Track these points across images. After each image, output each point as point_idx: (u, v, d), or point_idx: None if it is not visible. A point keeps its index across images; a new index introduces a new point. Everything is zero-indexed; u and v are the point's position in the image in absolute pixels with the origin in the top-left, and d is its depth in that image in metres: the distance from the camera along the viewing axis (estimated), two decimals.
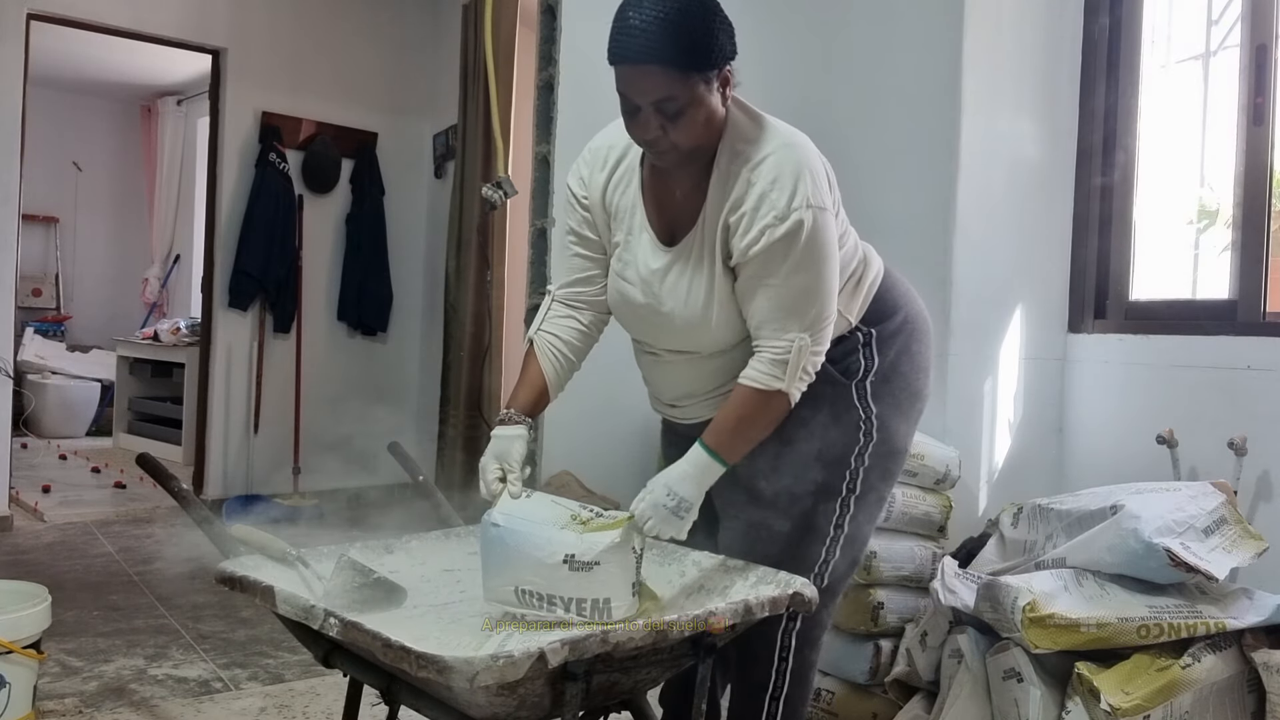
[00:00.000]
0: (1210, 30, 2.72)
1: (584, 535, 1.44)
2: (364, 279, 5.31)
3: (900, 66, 2.79)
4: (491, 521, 1.49)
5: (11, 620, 2.15)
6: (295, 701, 2.58)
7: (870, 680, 2.38)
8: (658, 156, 1.60)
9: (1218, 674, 1.94)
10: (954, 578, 2.22)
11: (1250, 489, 2.33)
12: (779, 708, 1.78)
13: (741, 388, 1.59)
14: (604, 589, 1.43)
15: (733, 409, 1.60)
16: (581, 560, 1.42)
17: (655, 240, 1.67)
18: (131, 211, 8.36)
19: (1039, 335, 2.79)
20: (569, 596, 1.43)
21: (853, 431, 1.71)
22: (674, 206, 1.66)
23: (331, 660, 1.51)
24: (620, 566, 1.44)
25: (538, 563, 1.43)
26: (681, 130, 1.53)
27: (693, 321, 1.64)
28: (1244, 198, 2.51)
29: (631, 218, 1.69)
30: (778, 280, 1.56)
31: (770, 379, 1.57)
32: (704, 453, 1.56)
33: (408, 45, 5.43)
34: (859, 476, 1.73)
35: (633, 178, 1.70)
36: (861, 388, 1.71)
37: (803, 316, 1.57)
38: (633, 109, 1.54)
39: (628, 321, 1.76)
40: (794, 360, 1.56)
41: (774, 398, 1.58)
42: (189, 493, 1.70)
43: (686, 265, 1.63)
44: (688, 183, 1.64)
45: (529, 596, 1.45)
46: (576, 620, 1.43)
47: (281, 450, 5.11)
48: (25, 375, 6.86)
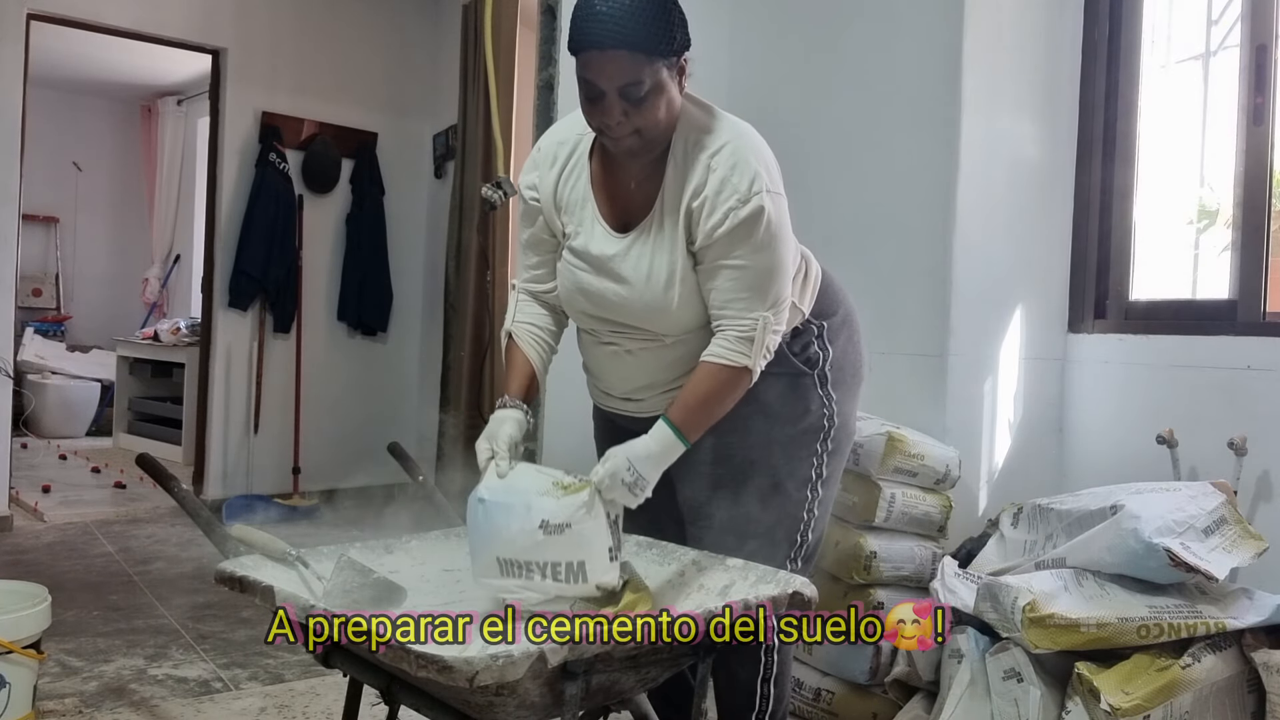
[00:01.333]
0: (1210, 30, 2.72)
1: (560, 499, 1.49)
2: (364, 279, 5.31)
3: (900, 66, 2.79)
4: (478, 498, 1.53)
5: (11, 620, 2.15)
6: (295, 701, 2.58)
7: (870, 680, 2.37)
8: (616, 144, 1.63)
9: (1218, 674, 1.94)
10: (954, 578, 2.22)
11: (1250, 489, 2.33)
12: (771, 689, 1.85)
13: (707, 364, 1.64)
14: (577, 551, 1.47)
15: (698, 386, 1.64)
16: (554, 523, 1.47)
17: (608, 229, 1.72)
18: (131, 211, 8.36)
19: (1039, 335, 2.79)
20: (545, 561, 1.47)
21: (818, 419, 1.80)
22: (626, 196, 1.71)
23: (331, 660, 1.52)
24: (592, 529, 1.48)
25: (517, 531, 1.47)
26: (644, 115, 1.58)
27: (654, 303, 1.68)
28: (1244, 198, 2.51)
29: (582, 209, 1.74)
30: (742, 260, 1.62)
31: (737, 355, 1.63)
32: (669, 430, 1.59)
33: (408, 45, 5.43)
34: (824, 461, 1.83)
35: (582, 171, 1.75)
36: (822, 376, 1.81)
37: (765, 296, 1.64)
38: (596, 94, 1.58)
39: (581, 309, 1.79)
40: (759, 337, 1.63)
41: (739, 374, 1.64)
42: (189, 493, 1.70)
43: (645, 248, 1.68)
44: (640, 172, 1.69)
45: (510, 566, 1.48)
46: (553, 587, 1.47)
47: (281, 450, 5.11)
48: (25, 375, 6.86)
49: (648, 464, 1.57)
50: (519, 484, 1.54)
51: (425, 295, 5.52)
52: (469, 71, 4.74)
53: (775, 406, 1.77)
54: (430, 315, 5.42)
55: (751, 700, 1.84)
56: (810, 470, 1.82)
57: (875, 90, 2.86)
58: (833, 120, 2.95)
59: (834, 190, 2.89)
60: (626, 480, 1.54)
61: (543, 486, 1.52)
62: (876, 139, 2.83)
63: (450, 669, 1.16)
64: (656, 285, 1.67)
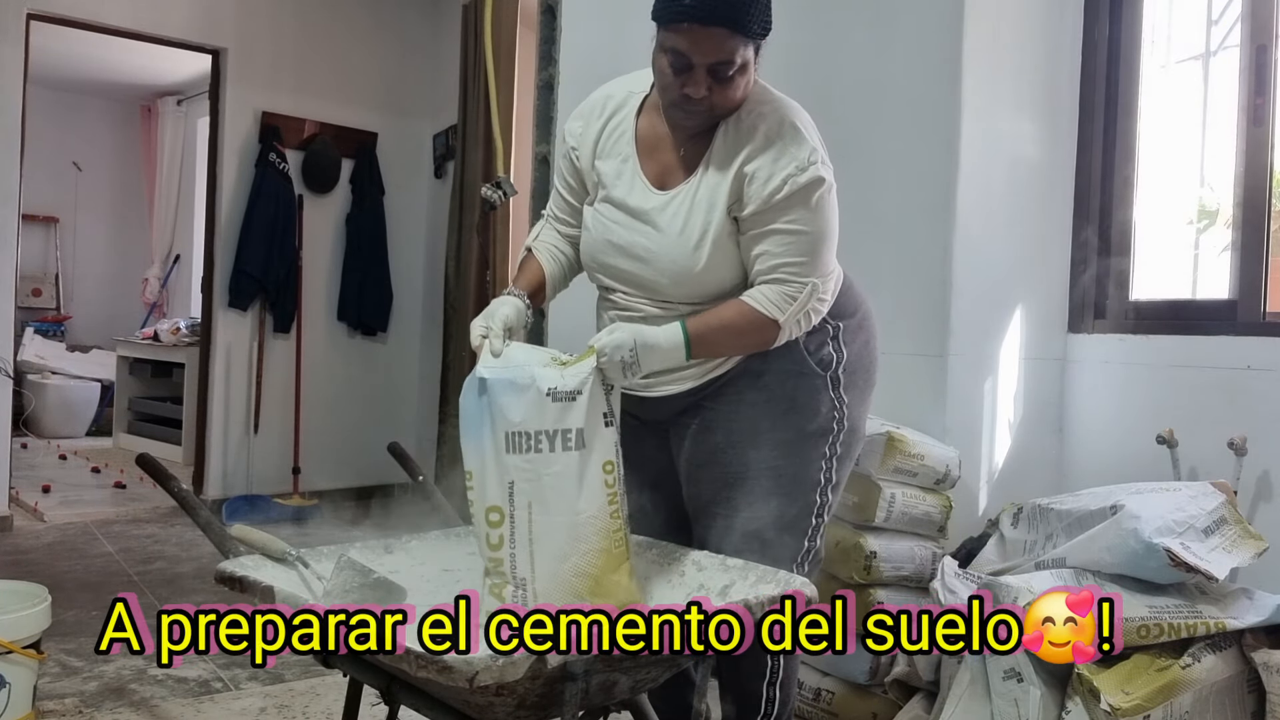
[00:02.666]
0: (1210, 30, 2.72)
1: (564, 370, 1.51)
2: (364, 279, 5.31)
3: (900, 66, 2.79)
4: (478, 378, 1.53)
5: (11, 620, 2.15)
6: (295, 701, 2.58)
7: (870, 680, 2.38)
8: (687, 115, 1.65)
9: (1218, 674, 1.94)
10: (954, 578, 2.22)
11: (1250, 489, 2.33)
12: (777, 693, 1.83)
13: (741, 302, 1.64)
14: (580, 418, 1.49)
15: (725, 313, 1.65)
16: (564, 390, 1.49)
17: (648, 185, 1.73)
18: (131, 211, 8.37)
19: (1039, 335, 2.79)
20: (555, 429, 1.49)
21: (827, 421, 1.78)
22: (670, 158, 1.73)
23: (331, 660, 1.51)
24: (595, 397, 1.51)
25: (527, 402, 1.49)
26: (727, 93, 1.61)
27: (681, 259, 1.68)
28: (1244, 198, 2.51)
29: (624, 163, 1.76)
30: (797, 225, 1.63)
31: (774, 308, 1.63)
32: (680, 333, 1.60)
33: (408, 45, 5.43)
34: (833, 464, 1.81)
35: (628, 127, 1.76)
36: (835, 378, 1.78)
37: (817, 263, 1.65)
38: (684, 66, 1.59)
39: (605, 263, 1.78)
40: (802, 301, 1.63)
41: (767, 325, 1.64)
42: (189, 493, 1.70)
43: (683, 205, 1.69)
44: (689, 139, 1.71)
45: (518, 439, 1.49)
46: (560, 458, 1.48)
47: (281, 450, 5.11)
48: (25, 375, 6.86)
49: (649, 352, 1.57)
50: (517, 358, 1.55)
51: (425, 295, 5.52)
52: (469, 71, 4.74)
53: (785, 406, 1.75)
54: (430, 315, 5.42)
55: (758, 704, 1.82)
56: (819, 474, 1.79)
57: (875, 90, 2.85)
58: (832, 120, 2.93)
59: None
60: (626, 359, 1.54)
61: (542, 359, 1.54)
62: (876, 139, 2.83)
63: (450, 669, 1.16)
64: (688, 242, 1.68)
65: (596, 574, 1.49)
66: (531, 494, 1.50)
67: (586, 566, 1.49)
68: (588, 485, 1.50)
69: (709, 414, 1.79)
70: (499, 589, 1.52)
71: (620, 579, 1.52)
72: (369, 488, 5.11)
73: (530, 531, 1.50)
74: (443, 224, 5.10)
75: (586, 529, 1.49)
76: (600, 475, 1.51)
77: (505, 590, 1.51)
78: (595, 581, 1.49)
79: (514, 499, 1.50)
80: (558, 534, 1.49)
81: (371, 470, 4.99)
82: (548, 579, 1.48)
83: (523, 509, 1.50)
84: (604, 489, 1.52)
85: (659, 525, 1.84)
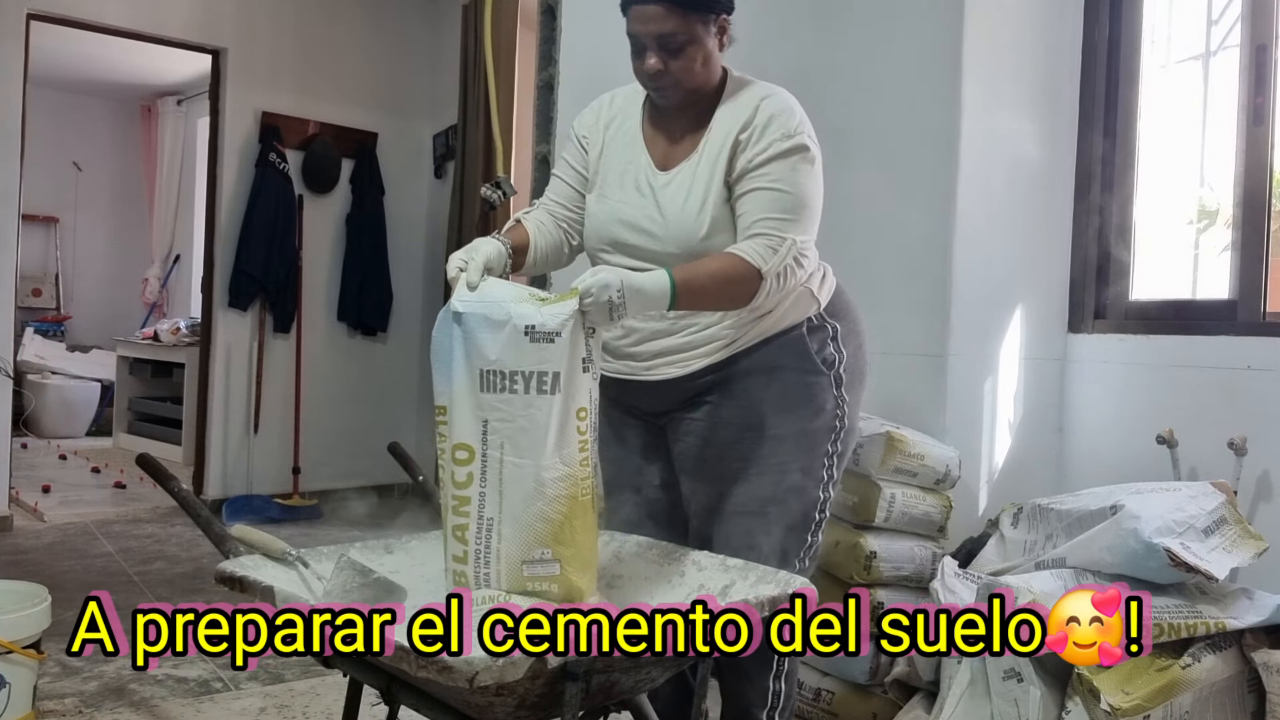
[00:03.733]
0: (1210, 30, 2.72)
1: (543, 307, 1.47)
2: (364, 279, 5.31)
3: (900, 66, 2.79)
4: (451, 311, 1.49)
5: (11, 620, 2.15)
6: (295, 701, 2.58)
7: (870, 680, 2.37)
8: (660, 93, 1.76)
9: (1218, 674, 1.94)
10: (954, 578, 2.22)
11: (1250, 489, 2.33)
12: (782, 685, 1.86)
13: (731, 254, 1.68)
14: (558, 362, 1.45)
15: (711, 263, 1.67)
16: (543, 330, 1.45)
17: (652, 166, 1.81)
18: (131, 211, 8.37)
19: (1039, 335, 2.79)
20: (530, 370, 1.44)
21: (831, 418, 1.82)
22: (671, 144, 1.81)
23: (331, 660, 1.51)
24: (573, 341, 1.46)
25: (502, 340, 1.45)
26: (680, 65, 1.71)
27: (685, 226, 1.74)
28: (1244, 198, 2.51)
29: (629, 149, 1.84)
30: (778, 184, 1.70)
31: (757, 258, 1.66)
32: (666, 279, 1.58)
33: (408, 45, 5.43)
34: (834, 461, 1.85)
35: (634, 123, 1.86)
36: (838, 377, 1.83)
37: (796, 222, 1.70)
38: (639, 47, 1.73)
39: (611, 239, 1.81)
40: (782, 255, 1.67)
41: (752, 275, 1.66)
42: (189, 493, 1.70)
43: (685, 179, 1.76)
44: (687, 126, 1.80)
45: (493, 377, 1.45)
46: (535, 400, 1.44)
47: (281, 450, 5.11)
48: (25, 375, 6.86)
49: (635, 295, 1.53)
50: (495, 293, 1.51)
51: (425, 295, 5.52)
52: (469, 71, 4.74)
53: (794, 401, 1.79)
54: (430, 315, 5.38)
55: (764, 697, 1.85)
56: (822, 470, 1.83)
57: (875, 90, 2.85)
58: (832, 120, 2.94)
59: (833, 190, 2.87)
60: (614, 299, 1.50)
61: (520, 295, 1.50)
62: (876, 139, 2.83)
63: (450, 669, 1.16)
64: (690, 211, 1.74)
65: (560, 520, 1.46)
66: (505, 434, 1.45)
67: (551, 513, 1.45)
68: (560, 431, 1.46)
69: (716, 408, 1.80)
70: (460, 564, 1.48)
71: (583, 528, 1.49)
72: (369, 488, 5.11)
73: (501, 472, 1.46)
74: (443, 224, 5.10)
75: (554, 475, 1.46)
76: (574, 422, 1.48)
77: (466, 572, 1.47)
78: (558, 528, 1.46)
79: (487, 438, 1.46)
80: (527, 478, 1.45)
81: (371, 470, 4.99)
82: (512, 521, 1.45)
83: (495, 449, 1.46)
84: (577, 436, 1.48)
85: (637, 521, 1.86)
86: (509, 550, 1.46)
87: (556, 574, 1.46)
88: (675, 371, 1.79)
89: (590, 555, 1.52)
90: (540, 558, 1.46)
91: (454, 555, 1.50)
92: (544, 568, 1.46)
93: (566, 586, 1.47)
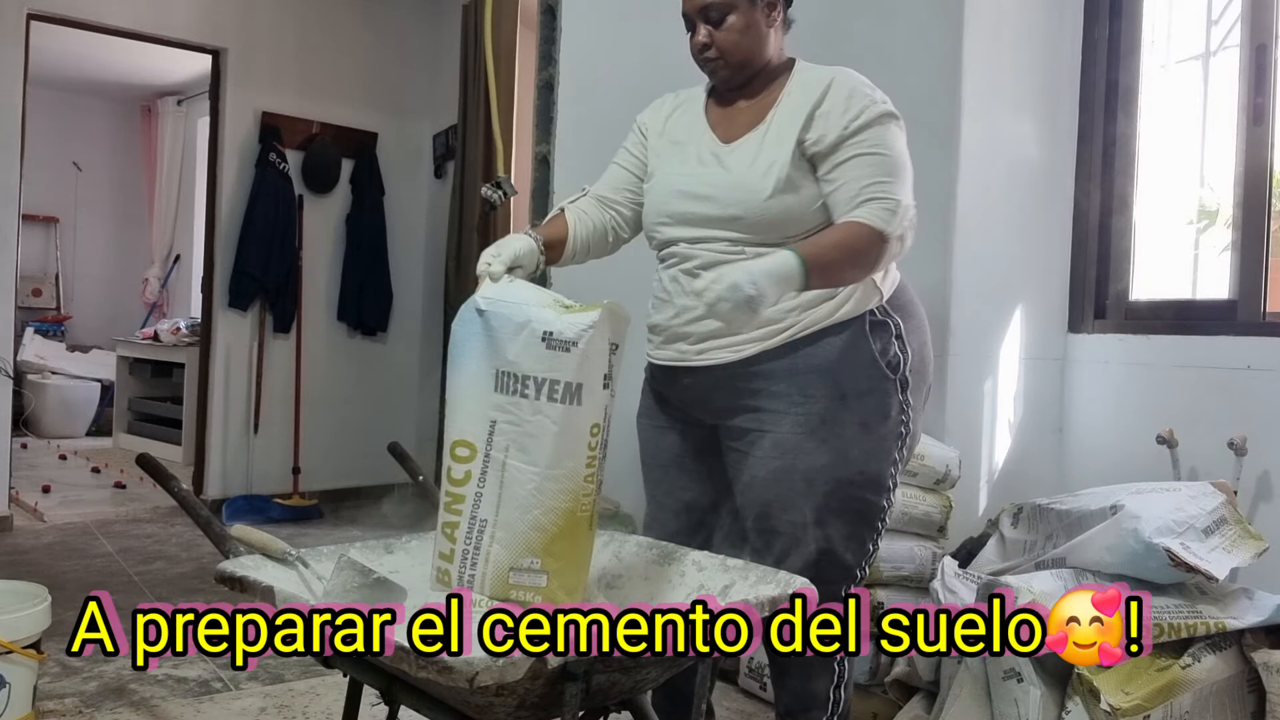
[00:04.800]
0: (1210, 30, 2.72)
1: (564, 315, 1.44)
2: (364, 279, 5.31)
3: (900, 66, 2.78)
4: (475, 308, 1.47)
5: (11, 620, 2.15)
6: (295, 701, 2.58)
7: (870, 680, 2.38)
8: (710, 68, 1.78)
9: (1218, 674, 1.94)
10: (954, 578, 2.22)
11: (1250, 489, 2.33)
12: (842, 694, 1.83)
13: (849, 222, 1.64)
14: (578, 373, 1.42)
15: (834, 233, 1.64)
16: (560, 339, 1.42)
17: (715, 139, 1.79)
18: (131, 211, 8.37)
19: (1039, 335, 2.79)
20: (544, 377, 1.42)
21: (897, 424, 1.75)
22: (733, 123, 1.80)
23: (331, 660, 1.51)
24: (597, 353, 1.43)
25: (520, 342, 1.43)
26: (723, 35, 1.73)
27: (750, 185, 1.70)
28: (1244, 198, 2.51)
29: (691, 130, 1.83)
30: (878, 148, 1.67)
31: (878, 220, 1.62)
32: (794, 259, 1.54)
33: (408, 45, 5.43)
34: (898, 470, 1.78)
35: (696, 109, 1.86)
36: (904, 381, 1.75)
37: (902, 184, 1.66)
38: (689, 26, 1.77)
39: (674, 210, 1.78)
40: (901, 215, 1.63)
41: (877, 237, 1.61)
42: (189, 493, 1.70)
43: (752, 146, 1.74)
44: (750, 107, 1.79)
45: (506, 379, 1.43)
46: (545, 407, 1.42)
47: (281, 450, 5.11)
48: (25, 375, 6.86)
49: (767, 279, 1.48)
50: (519, 294, 1.50)
51: (425, 295, 5.52)
52: (469, 71, 4.74)
53: (857, 411, 1.70)
54: (430, 315, 5.42)
55: (825, 705, 1.81)
56: (888, 479, 1.76)
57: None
58: None
59: None
60: (751, 294, 1.45)
61: (543, 300, 1.48)
62: None
63: (450, 669, 1.16)
64: (756, 172, 1.70)
65: (555, 532, 1.44)
66: (511, 437, 1.44)
67: (546, 523, 1.44)
68: (568, 443, 1.44)
69: (775, 415, 1.72)
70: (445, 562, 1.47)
71: (576, 544, 1.47)
72: (369, 488, 5.11)
73: (502, 475, 1.44)
74: (443, 224, 5.10)
75: (555, 486, 1.43)
76: (585, 437, 1.45)
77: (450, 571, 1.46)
78: (551, 539, 1.44)
79: (493, 439, 1.44)
80: (527, 484, 1.43)
81: (371, 470, 4.98)
82: (506, 526, 1.44)
83: (500, 450, 1.44)
84: (585, 451, 1.45)
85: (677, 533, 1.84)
86: (499, 555, 1.45)
87: (542, 585, 1.45)
88: (727, 356, 1.72)
89: (580, 572, 1.51)
90: (529, 566, 1.45)
91: (440, 553, 1.49)
92: (531, 577, 1.45)
93: (551, 601, 1.46)
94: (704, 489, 1.88)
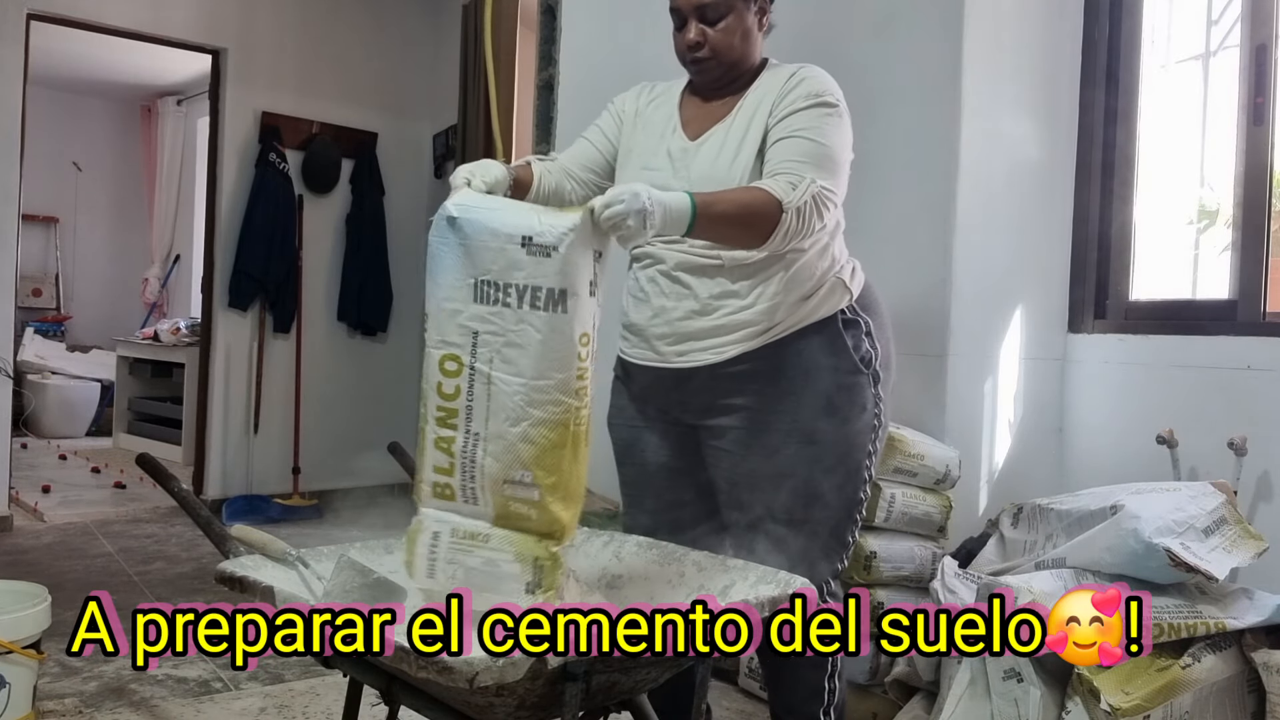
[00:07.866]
0: (1210, 30, 2.72)
1: (543, 217, 1.38)
2: (364, 279, 5.31)
3: (900, 66, 2.79)
4: (447, 215, 1.41)
5: (11, 620, 2.15)
6: (295, 701, 2.58)
7: (870, 680, 2.38)
8: (697, 67, 1.81)
9: (1218, 674, 1.94)
10: (954, 578, 2.22)
11: (1250, 489, 2.33)
12: (836, 684, 1.88)
13: (751, 186, 1.68)
14: (561, 278, 1.36)
15: (734, 193, 1.67)
16: (540, 243, 1.36)
17: (684, 136, 1.84)
18: (131, 211, 8.37)
19: (1039, 335, 2.79)
20: (525, 284, 1.36)
21: (870, 418, 1.82)
22: (703, 120, 1.84)
23: (331, 660, 1.51)
24: (580, 257, 1.37)
25: (495, 247, 1.37)
26: (718, 35, 1.76)
27: (718, 174, 1.75)
28: (1244, 198, 2.51)
29: (663, 126, 1.87)
30: (804, 134, 1.71)
31: (780, 190, 1.64)
32: (687, 198, 1.54)
33: (408, 45, 5.43)
34: (873, 461, 1.85)
35: (670, 105, 1.90)
36: (875, 375, 1.82)
37: (818, 168, 1.69)
38: (680, 22, 1.79)
39: None
40: (803, 190, 1.65)
41: (772, 205, 1.63)
42: (189, 493, 1.70)
43: (719, 138, 1.80)
44: (720, 104, 1.83)
45: (486, 288, 1.39)
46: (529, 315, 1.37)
47: (281, 450, 5.11)
48: (25, 375, 6.86)
49: (659, 205, 1.47)
50: (494, 201, 1.47)
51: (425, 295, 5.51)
52: (469, 71, 4.74)
53: (835, 405, 1.78)
54: None
55: (820, 695, 1.87)
56: (864, 471, 1.83)
57: (875, 90, 2.85)
58: None
59: None
60: (647, 206, 1.43)
61: (520, 207, 1.45)
62: (876, 139, 2.82)
63: (450, 670, 1.16)
64: (724, 161, 1.76)
65: (546, 445, 1.40)
66: (495, 348, 1.40)
67: (535, 435, 1.39)
68: (556, 352, 1.38)
69: (755, 413, 1.78)
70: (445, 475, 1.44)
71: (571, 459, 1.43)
72: (369, 488, 5.10)
73: (489, 386, 1.40)
74: None
75: (543, 397, 1.39)
76: (574, 346, 1.39)
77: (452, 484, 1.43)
78: (542, 452, 1.40)
79: (477, 350, 1.40)
80: (514, 395, 1.39)
81: (371, 470, 4.96)
82: (496, 438, 1.40)
83: (484, 363, 1.40)
84: (575, 362, 1.40)
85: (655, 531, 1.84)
86: (491, 467, 1.41)
87: (535, 499, 1.41)
88: (709, 358, 1.77)
89: (577, 489, 1.46)
90: (521, 479, 1.41)
91: (437, 466, 1.45)
92: (524, 490, 1.41)
93: (547, 517, 1.41)
94: (685, 487, 1.91)
